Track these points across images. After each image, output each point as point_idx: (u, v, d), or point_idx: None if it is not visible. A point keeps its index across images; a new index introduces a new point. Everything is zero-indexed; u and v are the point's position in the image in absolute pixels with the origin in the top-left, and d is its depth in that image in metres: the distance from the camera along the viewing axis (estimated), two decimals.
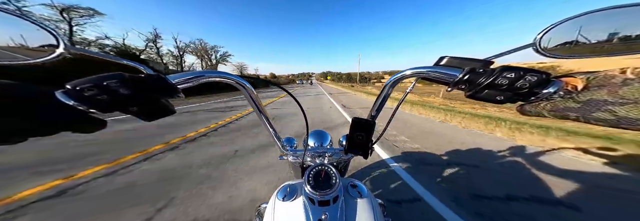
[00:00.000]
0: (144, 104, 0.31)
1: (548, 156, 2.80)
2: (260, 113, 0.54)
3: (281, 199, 0.53)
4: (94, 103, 0.27)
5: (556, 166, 2.45)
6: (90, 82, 0.26)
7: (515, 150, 3.01)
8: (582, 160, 2.66)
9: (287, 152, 0.69)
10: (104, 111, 0.28)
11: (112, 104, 0.28)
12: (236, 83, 0.43)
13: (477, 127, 4.35)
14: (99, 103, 0.27)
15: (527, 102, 0.34)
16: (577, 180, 2.10)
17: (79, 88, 0.25)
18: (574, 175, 2.23)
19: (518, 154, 2.86)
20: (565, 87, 0.30)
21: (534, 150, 3.02)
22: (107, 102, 0.27)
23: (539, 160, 2.67)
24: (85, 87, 0.25)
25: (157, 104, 0.32)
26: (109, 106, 0.28)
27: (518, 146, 3.25)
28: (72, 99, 0.26)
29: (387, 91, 0.48)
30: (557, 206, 1.70)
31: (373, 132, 0.51)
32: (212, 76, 0.38)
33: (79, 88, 0.25)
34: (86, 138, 3.36)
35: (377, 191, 1.93)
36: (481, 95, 0.34)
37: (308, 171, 0.54)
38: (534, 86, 0.30)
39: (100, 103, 0.27)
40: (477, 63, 0.35)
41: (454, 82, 0.35)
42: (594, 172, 2.31)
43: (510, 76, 0.30)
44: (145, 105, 0.31)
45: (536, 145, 3.24)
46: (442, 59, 0.39)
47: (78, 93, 0.26)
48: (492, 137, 3.78)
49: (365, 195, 0.54)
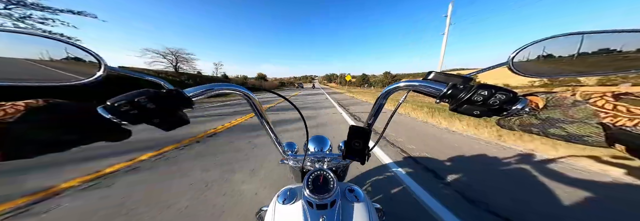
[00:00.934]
0: (165, 116, 0.35)
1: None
2: (262, 119, 0.57)
3: (281, 202, 0.56)
4: (126, 117, 0.32)
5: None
6: (126, 99, 0.31)
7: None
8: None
9: (288, 156, 0.72)
10: (134, 123, 0.33)
11: (140, 117, 0.33)
12: (241, 93, 0.48)
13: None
14: (130, 117, 0.32)
15: (500, 116, 0.38)
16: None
17: (117, 104, 0.30)
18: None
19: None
20: (530, 104, 0.34)
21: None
22: (137, 115, 0.32)
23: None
24: (122, 103, 0.30)
25: (175, 116, 0.37)
26: (137, 119, 0.32)
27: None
28: (110, 113, 0.31)
29: (380, 101, 0.51)
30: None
31: (369, 138, 0.54)
32: (221, 88, 0.43)
33: (116, 104, 0.30)
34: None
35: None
36: (461, 109, 0.38)
37: (307, 175, 0.57)
38: (503, 103, 0.34)
39: (131, 117, 0.32)
40: (459, 79, 0.39)
41: (440, 96, 0.39)
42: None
43: (483, 93, 0.34)
44: (166, 117, 0.36)
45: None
46: (430, 74, 0.43)
47: (115, 108, 0.31)
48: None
49: (362, 200, 0.56)
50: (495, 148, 3.32)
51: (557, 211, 1.68)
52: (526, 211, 1.66)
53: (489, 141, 3.69)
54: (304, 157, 0.67)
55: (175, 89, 0.36)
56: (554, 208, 1.72)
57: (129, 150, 2.99)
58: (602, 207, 1.73)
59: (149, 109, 0.32)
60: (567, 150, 2.88)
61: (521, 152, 3.09)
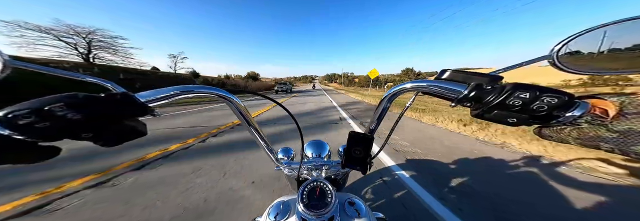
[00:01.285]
0: (101, 129, 0.27)
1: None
2: (250, 126, 0.51)
3: (273, 218, 0.50)
4: (33, 132, 0.23)
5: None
6: (27, 108, 0.22)
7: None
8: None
9: (282, 164, 0.66)
10: (49, 140, 0.24)
11: (59, 131, 0.24)
12: (219, 97, 0.40)
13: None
14: (41, 132, 0.23)
15: (547, 125, 0.29)
16: None
17: (11, 116, 0.22)
18: None
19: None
20: (593, 110, 0.25)
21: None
22: (52, 128, 0.23)
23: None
24: (20, 115, 0.22)
25: (120, 127, 0.29)
26: (55, 134, 0.24)
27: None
28: (5, 128, 0.22)
29: (385, 105, 0.45)
30: None
31: (371, 146, 0.48)
32: (190, 92, 0.35)
33: (11, 116, 0.22)
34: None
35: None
36: (490, 116, 0.30)
37: (302, 187, 0.51)
38: (553, 108, 0.26)
39: (43, 131, 0.23)
40: (484, 78, 0.31)
41: (458, 99, 0.31)
42: None
43: (523, 96, 0.26)
44: (104, 130, 0.27)
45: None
46: (444, 72, 0.35)
47: (10, 121, 0.22)
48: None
49: (364, 214, 0.50)
50: None
51: None
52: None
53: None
54: (300, 165, 0.61)
55: (122, 92, 0.28)
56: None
57: None
58: None
59: (72, 121, 0.24)
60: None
61: None
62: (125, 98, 0.27)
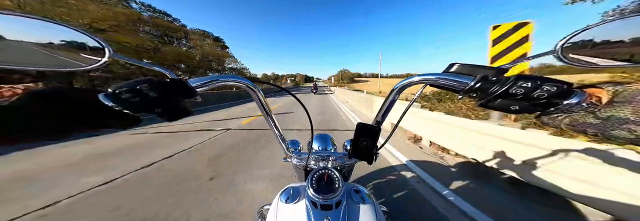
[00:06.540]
0: (167, 106, 0.35)
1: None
2: (268, 116, 0.56)
3: (284, 201, 0.54)
4: (128, 105, 0.31)
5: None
6: (128, 86, 0.30)
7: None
8: None
9: (291, 154, 0.70)
10: (135, 111, 0.32)
11: (142, 105, 0.32)
12: (247, 87, 0.46)
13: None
14: (132, 105, 0.31)
15: (546, 113, 0.31)
16: None
17: (118, 91, 0.30)
18: None
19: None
20: (589, 99, 0.27)
21: None
22: (138, 103, 0.31)
23: None
24: (123, 91, 0.30)
25: (178, 106, 0.36)
26: (139, 107, 0.32)
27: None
28: (111, 101, 0.30)
29: (393, 97, 0.47)
30: None
31: (378, 137, 0.50)
32: (226, 80, 0.42)
33: (118, 91, 0.30)
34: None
35: None
36: (494, 105, 0.32)
37: (311, 174, 0.54)
38: (552, 96, 0.28)
39: (132, 105, 0.31)
40: (490, 70, 0.34)
41: (465, 90, 0.34)
42: None
43: (525, 85, 0.28)
44: (169, 107, 0.35)
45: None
46: (452, 66, 0.38)
47: (117, 95, 0.30)
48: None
49: (369, 201, 0.53)
50: None
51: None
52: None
53: None
54: (308, 155, 0.65)
55: (178, 78, 0.35)
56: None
57: None
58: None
59: (151, 98, 0.32)
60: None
61: None
62: (181, 83, 0.35)
